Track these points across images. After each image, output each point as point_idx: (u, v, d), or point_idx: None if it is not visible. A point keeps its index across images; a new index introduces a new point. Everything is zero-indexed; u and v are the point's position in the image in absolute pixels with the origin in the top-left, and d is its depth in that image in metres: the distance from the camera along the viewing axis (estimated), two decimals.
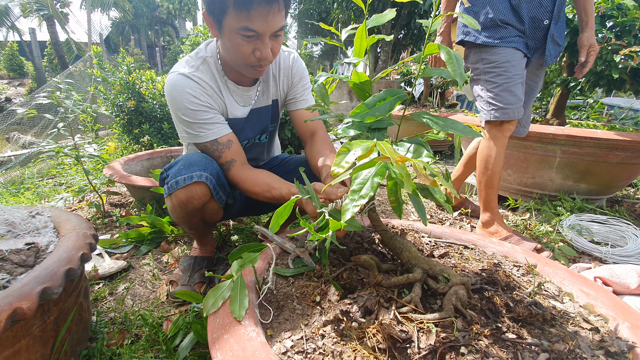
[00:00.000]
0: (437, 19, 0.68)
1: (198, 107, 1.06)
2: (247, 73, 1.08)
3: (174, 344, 0.96)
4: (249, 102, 1.21)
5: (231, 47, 0.99)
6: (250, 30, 0.92)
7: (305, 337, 0.61)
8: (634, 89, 1.84)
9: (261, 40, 0.96)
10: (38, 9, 11.65)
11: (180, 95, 1.05)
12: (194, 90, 1.06)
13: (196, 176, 1.03)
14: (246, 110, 1.21)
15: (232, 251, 0.76)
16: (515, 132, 1.67)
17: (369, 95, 0.76)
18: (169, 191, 1.08)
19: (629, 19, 1.66)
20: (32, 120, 6.09)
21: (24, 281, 0.67)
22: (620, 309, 0.69)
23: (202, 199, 1.08)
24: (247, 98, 1.20)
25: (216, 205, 1.16)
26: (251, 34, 0.94)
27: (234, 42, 0.96)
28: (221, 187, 1.13)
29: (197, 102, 1.06)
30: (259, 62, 1.01)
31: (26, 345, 0.69)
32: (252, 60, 1.00)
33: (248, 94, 1.20)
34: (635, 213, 2.01)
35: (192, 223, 1.20)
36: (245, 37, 0.94)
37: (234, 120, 1.19)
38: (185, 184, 1.04)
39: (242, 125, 1.21)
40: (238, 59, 1.01)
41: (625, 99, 4.76)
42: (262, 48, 0.97)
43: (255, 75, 1.09)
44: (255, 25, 0.91)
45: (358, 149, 0.53)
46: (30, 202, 2.27)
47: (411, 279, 0.69)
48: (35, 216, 0.99)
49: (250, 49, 0.97)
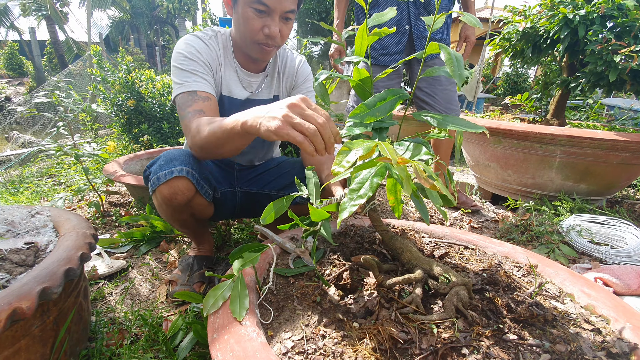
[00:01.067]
0: (438, 18, 0.68)
1: (194, 57, 1.07)
2: (253, 52, 1.10)
3: (174, 344, 0.96)
4: (249, 88, 1.23)
5: (242, 22, 1.03)
6: (262, 4, 0.98)
7: (306, 338, 0.61)
8: (634, 89, 1.84)
9: (271, 17, 1.01)
10: (37, 9, 11.63)
11: (184, 47, 1.08)
12: (198, 45, 1.09)
13: (177, 171, 1.01)
14: (245, 94, 1.22)
15: (232, 251, 0.76)
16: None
17: (370, 94, 0.76)
18: (152, 188, 1.07)
19: (629, 20, 1.66)
20: (32, 120, 6.08)
21: (23, 281, 0.67)
22: (621, 309, 0.69)
23: (186, 194, 1.06)
24: (248, 83, 1.22)
25: (203, 201, 1.14)
26: (263, 9, 0.99)
27: (246, 15, 1.00)
28: (205, 181, 1.12)
29: (197, 54, 1.08)
30: (266, 40, 1.05)
31: (26, 345, 0.69)
32: (260, 37, 1.04)
33: (250, 80, 1.22)
34: (636, 213, 2.01)
35: (182, 220, 1.18)
36: (256, 12, 1.00)
37: (231, 99, 1.20)
38: (166, 179, 1.02)
39: (237, 108, 1.21)
40: (247, 33, 1.04)
41: (625, 99, 4.77)
42: (272, 25, 1.01)
43: (261, 55, 1.11)
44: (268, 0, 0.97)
45: (359, 149, 0.52)
46: (29, 202, 2.26)
47: (412, 280, 0.69)
48: (35, 215, 0.99)
49: (259, 25, 1.02)
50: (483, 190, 2.38)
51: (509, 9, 2.22)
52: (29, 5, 11.60)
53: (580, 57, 1.96)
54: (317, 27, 9.08)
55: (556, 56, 2.24)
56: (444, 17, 0.65)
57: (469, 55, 1.82)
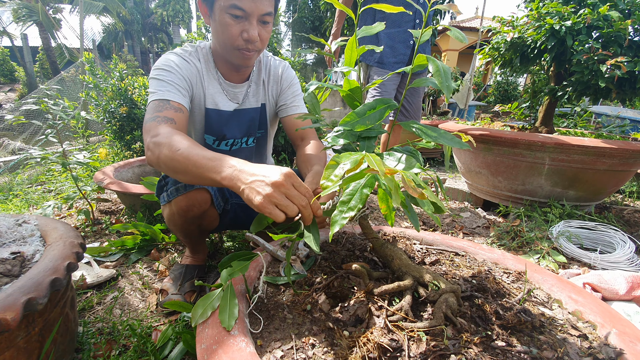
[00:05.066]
0: (426, 31, 0.69)
1: (171, 70, 1.07)
2: (234, 59, 1.10)
3: (163, 355, 0.95)
4: (235, 99, 1.23)
5: (220, 29, 1.03)
6: (238, 9, 0.97)
7: (296, 347, 0.61)
8: (620, 97, 1.88)
9: (249, 21, 1.01)
10: (28, 15, 11.56)
11: (164, 62, 1.08)
12: (178, 62, 1.09)
13: None
14: (232, 105, 1.22)
15: (222, 259, 0.75)
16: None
17: (359, 104, 0.77)
18: (168, 198, 1.07)
19: (614, 30, 1.71)
20: (22, 126, 6.00)
21: (8, 291, 0.66)
22: (608, 315, 0.70)
23: (203, 206, 1.08)
24: (233, 94, 1.22)
25: (215, 213, 1.16)
26: (239, 14, 0.98)
27: (223, 21, 1.00)
28: (220, 193, 1.13)
29: (175, 67, 1.07)
30: (246, 45, 1.04)
31: (10, 357, 0.68)
32: (239, 43, 1.04)
33: (234, 91, 1.22)
34: (624, 219, 2.04)
35: (189, 231, 1.19)
36: (233, 17, 0.99)
37: (217, 112, 1.20)
38: (186, 191, 1.04)
39: (226, 120, 1.22)
40: (226, 40, 1.04)
41: (612, 107, 4.87)
42: (250, 29, 1.01)
43: (242, 61, 1.10)
44: (244, 3, 0.97)
45: (347, 162, 0.53)
46: (18, 209, 2.23)
47: (402, 287, 0.69)
48: (22, 224, 0.97)
49: (238, 30, 1.01)
50: (474, 196, 2.40)
51: (497, 20, 2.26)
52: (21, 12, 11.53)
53: (567, 66, 2.00)
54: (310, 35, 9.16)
55: (544, 65, 2.29)
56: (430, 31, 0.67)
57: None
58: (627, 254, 1.51)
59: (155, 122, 0.93)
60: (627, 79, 1.71)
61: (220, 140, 1.26)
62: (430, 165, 4.03)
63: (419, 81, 0.71)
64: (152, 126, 0.92)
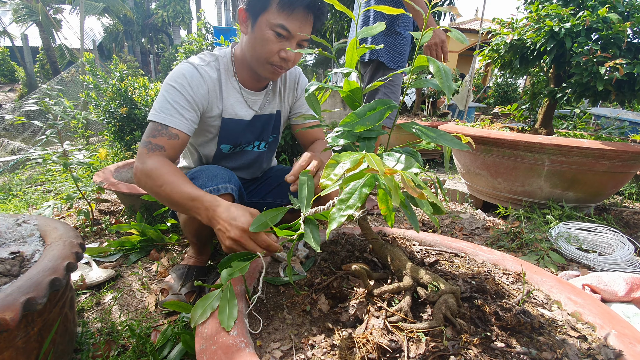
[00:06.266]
0: (426, 32, 0.69)
1: (183, 92, 1.06)
2: (264, 72, 1.11)
3: (162, 355, 0.95)
4: (254, 106, 1.24)
5: (260, 42, 1.03)
6: (285, 29, 0.99)
7: (295, 348, 0.61)
8: (619, 99, 1.89)
9: (290, 42, 1.03)
10: (28, 14, 11.56)
11: (177, 77, 1.07)
12: (192, 79, 1.07)
13: (222, 188, 1.06)
14: (251, 113, 1.23)
15: (221, 260, 0.75)
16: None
17: (360, 105, 0.77)
18: None
19: (613, 32, 1.71)
20: (22, 126, 6.00)
21: (7, 291, 0.66)
22: (607, 316, 0.70)
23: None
24: (252, 102, 1.23)
25: None
26: (284, 33, 1.00)
27: (265, 37, 1.02)
28: (240, 198, 1.16)
29: (188, 89, 1.06)
30: (280, 63, 1.06)
31: (9, 357, 0.68)
32: (275, 59, 1.05)
33: (254, 98, 1.23)
34: (623, 221, 2.05)
35: (203, 234, 1.22)
36: (277, 35, 1.01)
37: (236, 121, 1.20)
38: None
39: (244, 127, 1.23)
40: (263, 54, 1.05)
41: (611, 109, 4.88)
42: (289, 50, 1.02)
43: (271, 76, 1.12)
44: (291, 25, 0.99)
45: (347, 162, 0.53)
46: (17, 209, 2.22)
47: (401, 288, 0.69)
48: (21, 224, 0.97)
49: (277, 48, 1.03)
50: (474, 198, 2.41)
51: (497, 21, 2.27)
52: (21, 12, 11.53)
53: (566, 68, 2.01)
54: (310, 37, 9.16)
55: (543, 67, 2.30)
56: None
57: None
58: (626, 255, 1.51)
59: (146, 149, 0.99)
60: (626, 81, 1.71)
61: (235, 147, 1.27)
62: (429, 166, 4.03)
63: (420, 82, 0.71)
64: (142, 152, 0.99)
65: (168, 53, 15.13)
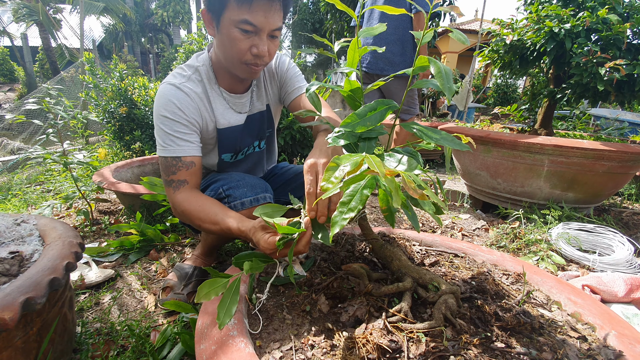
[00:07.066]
0: (428, 32, 0.69)
1: (178, 119, 1.03)
2: (241, 73, 1.06)
3: (162, 355, 0.94)
4: (244, 109, 1.21)
5: (228, 43, 0.98)
6: (249, 24, 0.93)
7: (295, 348, 0.60)
8: (619, 100, 1.89)
9: (259, 36, 0.96)
10: (28, 14, 11.55)
11: (166, 105, 1.03)
12: (180, 102, 1.04)
13: (261, 198, 1.11)
14: (242, 117, 1.21)
15: (239, 254, 0.74)
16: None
17: (360, 104, 0.77)
18: None
19: (613, 33, 1.72)
20: (21, 126, 6.00)
21: (6, 291, 0.65)
22: (607, 317, 0.70)
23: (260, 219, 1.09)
24: (241, 105, 1.20)
25: None
26: (250, 29, 0.94)
27: (232, 36, 0.95)
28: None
29: (180, 114, 1.04)
30: (254, 60, 1.01)
31: (8, 357, 0.67)
32: (248, 57, 1.00)
33: (241, 101, 1.20)
34: (623, 221, 2.05)
35: (225, 240, 1.25)
36: (243, 32, 0.95)
37: (230, 129, 1.18)
38: (252, 205, 1.09)
39: (240, 132, 1.21)
40: (234, 55, 1.00)
41: (611, 109, 4.89)
42: (260, 44, 0.97)
43: (250, 75, 1.07)
44: (255, 19, 0.92)
45: (347, 164, 0.53)
46: (17, 209, 2.22)
47: (401, 288, 0.69)
48: (21, 224, 0.97)
49: (247, 45, 0.97)
50: (474, 198, 2.41)
51: (497, 22, 2.27)
52: (21, 12, 11.52)
53: (566, 69, 2.01)
54: (310, 37, 9.21)
55: (543, 68, 2.30)
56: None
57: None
58: (626, 256, 1.51)
59: (172, 189, 1.03)
60: (626, 82, 1.72)
61: (236, 154, 1.26)
62: (429, 167, 4.03)
63: (420, 82, 0.71)
64: (169, 193, 1.04)
65: (168, 53, 15.13)
